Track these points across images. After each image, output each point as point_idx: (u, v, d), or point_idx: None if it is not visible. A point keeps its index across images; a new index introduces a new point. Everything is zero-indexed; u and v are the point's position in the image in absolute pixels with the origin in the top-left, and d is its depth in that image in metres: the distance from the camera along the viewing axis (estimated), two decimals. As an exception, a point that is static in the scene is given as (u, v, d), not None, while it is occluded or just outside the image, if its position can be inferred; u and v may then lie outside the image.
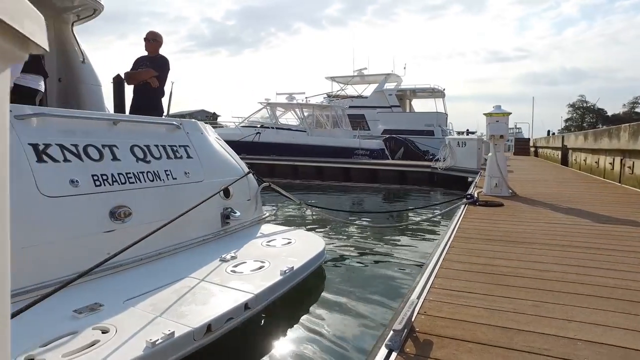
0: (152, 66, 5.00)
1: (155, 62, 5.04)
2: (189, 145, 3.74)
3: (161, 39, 5.14)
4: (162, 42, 5.17)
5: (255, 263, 3.06)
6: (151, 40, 5.05)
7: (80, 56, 5.64)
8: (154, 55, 5.12)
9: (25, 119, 2.59)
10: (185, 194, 3.41)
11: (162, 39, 5.15)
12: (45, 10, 5.51)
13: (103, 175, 2.82)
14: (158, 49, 5.15)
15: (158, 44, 5.13)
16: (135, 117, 3.50)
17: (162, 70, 5.04)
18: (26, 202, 2.36)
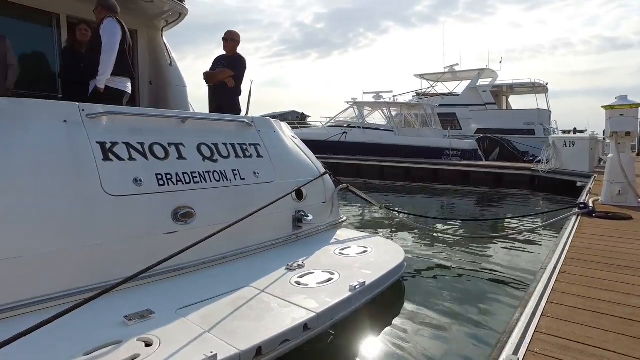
0: (229, 66, 5.00)
1: (232, 62, 5.04)
2: (259, 144, 3.55)
3: (238, 38, 5.10)
4: (239, 41, 5.14)
5: (323, 274, 2.75)
6: (229, 40, 5.05)
7: (168, 59, 5.86)
8: (231, 55, 5.11)
9: (96, 117, 2.57)
10: (254, 195, 3.22)
11: (239, 38, 5.11)
12: (139, 19, 5.81)
13: (167, 175, 2.72)
14: (236, 49, 5.14)
15: (235, 43, 5.12)
16: (204, 115, 3.41)
17: (238, 69, 5.02)
18: (90, 201, 2.31)
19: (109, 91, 3.88)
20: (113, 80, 3.93)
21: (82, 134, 2.44)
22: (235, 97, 4.99)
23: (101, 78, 3.80)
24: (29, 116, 2.34)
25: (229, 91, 4.92)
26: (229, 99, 4.93)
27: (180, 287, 2.45)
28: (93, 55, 3.93)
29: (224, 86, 4.90)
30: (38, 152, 2.24)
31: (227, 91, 4.92)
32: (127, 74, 4.10)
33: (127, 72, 4.10)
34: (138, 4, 5.30)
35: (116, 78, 3.95)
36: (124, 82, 4.06)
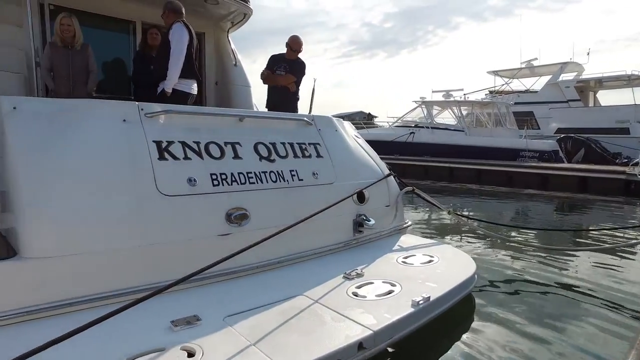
0: (291, 70, 5.01)
1: (294, 67, 5.03)
2: (319, 143, 3.39)
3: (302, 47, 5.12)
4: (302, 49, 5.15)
5: (383, 285, 2.52)
6: (294, 49, 5.06)
7: (233, 60, 5.93)
8: (293, 59, 5.10)
9: (154, 116, 2.56)
10: (312, 197, 3.07)
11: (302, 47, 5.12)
12: (206, 21, 5.93)
13: (222, 175, 2.64)
14: (298, 54, 5.15)
15: (299, 51, 5.13)
16: (262, 113, 3.32)
17: (300, 75, 5.06)
18: (144, 200, 2.29)
19: (175, 93, 3.98)
20: (179, 83, 4.02)
21: (140, 133, 2.43)
22: (296, 102, 5.01)
23: (168, 82, 3.91)
24: (92, 116, 2.37)
25: (291, 96, 4.94)
26: (290, 104, 4.94)
27: (230, 292, 2.36)
28: (162, 59, 4.04)
29: (286, 91, 4.91)
30: (97, 151, 2.26)
31: (288, 95, 4.94)
32: (193, 76, 4.19)
33: (193, 75, 4.19)
34: (205, 7, 5.41)
35: (182, 80, 4.04)
36: (189, 84, 4.15)
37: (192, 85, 4.24)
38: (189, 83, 4.17)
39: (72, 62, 4.22)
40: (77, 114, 2.34)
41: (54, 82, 4.25)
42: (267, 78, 5.05)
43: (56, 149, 2.16)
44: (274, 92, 5.07)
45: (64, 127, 2.25)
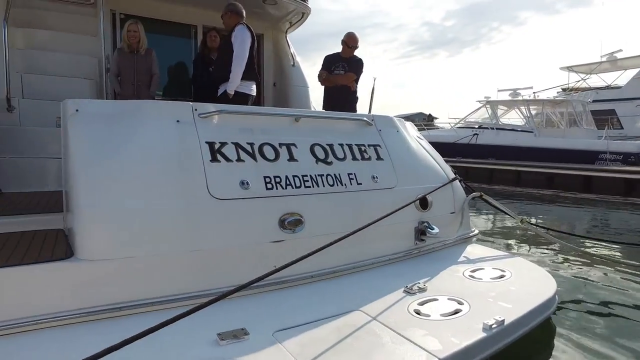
0: (350, 68, 4.83)
1: (352, 64, 4.86)
2: (380, 145, 3.18)
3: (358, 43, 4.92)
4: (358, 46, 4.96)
5: (449, 303, 2.26)
6: (350, 46, 4.88)
7: (291, 60, 5.88)
8: (349, 57, 4.92)
9: (207, 117, 2.49)
10: (372, 203, 2.87)
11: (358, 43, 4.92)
12: (265, 22, 5.93)
13: (276, 178, 2.52)
14: (354, 52, 4.97)
15: (355, 47, 4.95)
16: (319, 113, 3.17)
17: (359, 72, 4.90)
18: (195, 203, 2.22)
19: (236, 95, 3.98)
20: (240, 85, 4.02)
21: (193, 134, 2.37)
22: (355, 102, 4.84)
23: (232, 84, 3.91)
24: (146, 116, 2.34)
25: (351, 95, 4.78)
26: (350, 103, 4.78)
27: (281, 303, 2.22)
28: (223, 61, 4.05)
29: (347, 90, 4.75)
30: (150, 152, 2.22)
31: (348, 95, 4.78)
32: (253, 77, 4.19)
33: (253, 76, 4.19)
34: (264, 8, 5.40)
35: (243, 82, 4.04)
36: (249, 85, 4.15)
37: (252, 87, 4.23)
38: (249, 84, 4.17)
39: (136, 66, 4.37)
40: (132, 115, 2.33)
41: (120, 86, 4.42)
42: (327, 79, 4.91)
43: (112, 150, 2.15)
44: (332, 93, 4.92)
45: (120, 128, 2.24)
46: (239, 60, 3.93)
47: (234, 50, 3.94)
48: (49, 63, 4.70)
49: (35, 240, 2.32)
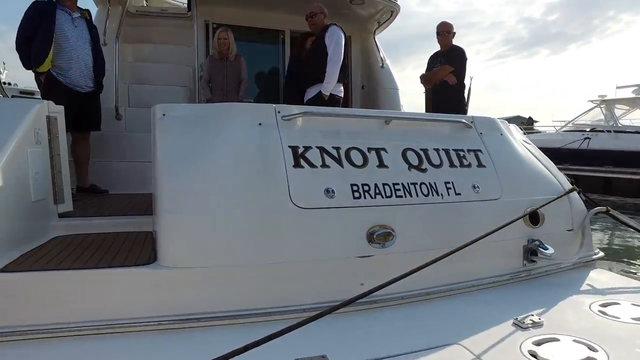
0: (447, 61, 4.41)
1: (450, 56, 4.42)
2: (481, 150, 2.78)
3: (452, 29, 4.47)
4: (454, 31, 4.50)
5: (576, 347, 1.82)
6: (443, 33, 4.45)
7: (380, 62, 5.64)
8: (447, 49, 4.50)
9: (291, 119, 2.34)
10: (472, 216, 2.50)
11: (453, 28, 4.47)
12: (353, 24, 5.77)
13: (364, 186, 2.28)
14: (451, 41, 4.53)
15: (451, 35, 4.50)
16: (412, 114, 2.87)
17: (458, 62, 4.38)
18: (277, 212, 2.07)
19: (330, 97, 3.88)
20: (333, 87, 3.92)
21: (275, 137, 2.23)
22: (459, 95, 4.40)
23: (327, 86, 3.81)
24: (229, 119, 2.26)
25: (451, 90, 4.35)
26: (452, 99, 4.37)
27: (365, 328, 1.97)
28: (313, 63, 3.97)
29: (445, 85, 4.35)
30: (232, 156, 2.13)
31: (449, 90, 4.37)
32: (342, 79, 4.06)
33: (342, 78, 4.06)
34: (351, 9, 5.24)
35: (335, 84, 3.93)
36: (339, 87, 4.03)
37: (341, 88, 4.10)
38: (338, 87, 4.04)
39: (226, 72, 4.47)
40: (215, 118, 2.26)
41: (211, 92, 4.56)
42: (425, 79, 4.57)
43: (194, 154, 2.10)
44: (434, 93, 4.56)
45: (203, 132, 2.18)
46: (335, 60, 3.82)
47: (329, 51, 3.83)
48: (151, 74, 5.03)
49: (127, 241, 2.36)
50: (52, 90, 3.54)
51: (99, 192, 3.80)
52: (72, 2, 3.72)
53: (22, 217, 2.26)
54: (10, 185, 2.13)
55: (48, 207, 2.55)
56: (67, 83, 3.62)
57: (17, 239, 2.19)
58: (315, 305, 1.99)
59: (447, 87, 4.42)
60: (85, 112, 3.75)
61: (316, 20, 4.11)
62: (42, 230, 2.46)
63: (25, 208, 2.29)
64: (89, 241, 2.35)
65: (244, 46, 5.43)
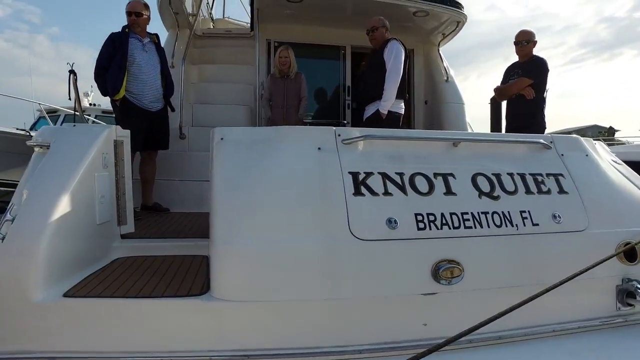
0: (525, 73, 4.07)
1: (529, 67, 4.08)
2: (563, 174, 2.48)
3: (532, 37, 4.12)
4: (534, 40, 4.14)
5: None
6: (522, 42, 4.13)
7: (445, 75, 5.38)
8: (526, 60, 4.17)
9: (351, 142, 2.22)
10: (553, 250, 2.22)
11: (533, 37, 4.12)
12: (415, 37, 5.57)
13: (430, 215, 2.09)
14: (531, 51, 4.17)
15: (531, 44, 4.15)
16: (483, 135, 2.63)
17: (537, 75, 4.04)
18: (335, 243, 1.94)
19: (389, 115, 3.72)
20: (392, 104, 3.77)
21: (335, 163, 2.12)
22: (538, 111, 4.05)
23: (385, 104, 3.67)
24: (287, 144, 2.19)
25: (530, 105, 4.03)
26: (530, 114, 4.05)
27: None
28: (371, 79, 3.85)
29: (522, 99, 4.03)
30: (289, 184, 2.05)
31: (526, 105, 4.04)
32: (402, 95, 3.89)
33: (402, 94, 3.89)
34: (414, 21, 5.05)
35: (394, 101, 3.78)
36: (399, 103, 3.87)
37: (401, 104, 3.92)
38: (398, 103, 3.87)
39: (286, 90, 4.46)
40: (273, 143, 2.20)
41: (271, 110, 4.57)
42: (500, 92, 4.27)
43: (251, 181, 2.04)
44: (509, 108, 4.25)
45: (260, 157, 2.12)
46: (393, 77, 3.67)
47: (388, 67, 3.69)
48: (214, 93, 5.17)
49: (182, 267, 2.35)
50: (127, 113, 3.75)
51: (161, 211, 3.92)
52: (143, 29, 3.94)
53: (87, 240, 2.33)
54: (78, 209, 2.20)
55: (111, 229, 2.63)
56: (140, 105, 3.82)
57: (81, 260, 2.26)
58: (373, 345, 1.85)
59: (523, 102, 4.08)
60: (154, 132, 3.92)
61: (377, 35, 3.98)
62: (105, 252, 2.53)
63: (91, 230, 2.37)
64: (146, 265, 2.38)
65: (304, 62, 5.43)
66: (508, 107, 4.31)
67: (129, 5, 3.90)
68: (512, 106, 4.23)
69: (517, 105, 4.15)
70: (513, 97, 4.17)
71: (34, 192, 2.13)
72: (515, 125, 4.16)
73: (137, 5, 3.90)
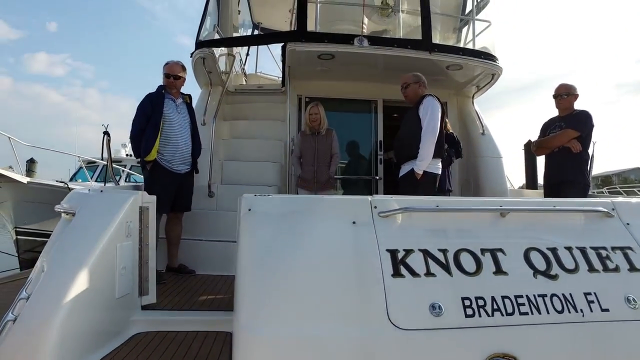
0: (570, 125, 3.85)
1: (574, 120, 3.85)
2: (631, 247, 2.18)
3: (573, 90, 3.93)
4: (576, 94, 3.94)
5: None
6: (563, 95, 3.93)
7: (480, 128, 5.18)
8: (568, 113, 3.95)
9: (389, 215, 2.03)
10: (629, 340, 1.90)
11: (574, 90, 3.93)
12: (448, 89, 5.46)
13: (479, 299, 1.84)
14: (572, 104, 3.97)
15: (573, 97, 3.95)
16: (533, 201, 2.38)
17: (584, 128, 3.80)
18: (371, 333, 1.71)
19: (425, 175, 3.50)
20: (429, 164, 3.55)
21: (371, 239, 1.93)
22: (584, 166, 3.78)
23: (421, 163, 3.46)
24: (321, 217, 2.02)
25: (575, 158, 3.77)
26: (577, 169, 3.78)
27: None
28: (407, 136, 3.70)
29: (566, 152, 3.78)
30: (322, 263, 1.86)
31: (572, 159, 3.79)
32: (440, 154, 3.67)
33: (440, 153, 3.67)
34: (447, 74, 4.95)
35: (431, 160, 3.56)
36: (436, 163, 3.63)
37: (439, 164, 3.69)
38: (436, 162, 3.63)
39: (317, 147, 4.36)
40: (305, 216, 2.04)
41: (302, 167, 4.46)
42: (539, 145, 4.04)
43: (278, 261, 1.86)
44: (550, 162, 4.00)
45: (289, 233, 1.96)
46: (429, 135, 3.46)
47: (424, 125, 3.51)
48: (245, 149, 5.15)
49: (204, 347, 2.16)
50: (157, 175, 3.71)
51: (187, 273, 3.78)
52: (177, 91, 3.97)
53: (105, 315, 2.19)
54: (96, 284, 2.08)
55: (132, 300, 2.49)
56: (169, 167, 3.78)
57: (98, 337, 2.11)
58: None
59: (567, 156, 3.82)
60: (181, 193, 3.86)
61: (409, 92, 3.86)
62: (124, 326, 2.38)
63: (109, 304, 2.24)
64: (166, 344, 2.21)
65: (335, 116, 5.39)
66: (548, 161, 4.05)
67: (167, 67, 3.92)
68: (554, 159, 3.96)
69: (560, 159, 3.89)
70: (555, 151, 3.92)
71: (52, 267, 2.03)
72: (558, 180, 3.88)
73: (176, 68, 3.93)
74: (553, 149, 3.92)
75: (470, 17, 5.13)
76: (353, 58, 4.66)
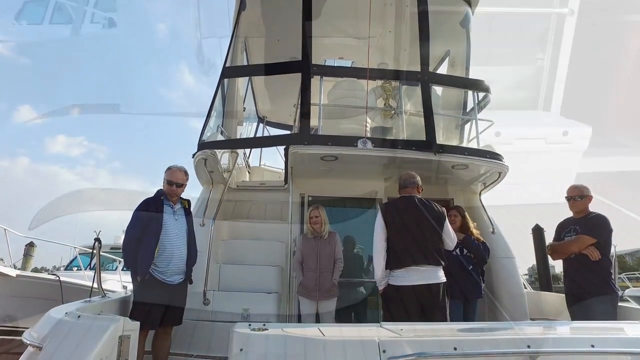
0: (585, 231, 3.64)
1: (588, 225, 3.65)
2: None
3: (587, 192, 3.79)
4: (590, 195, 3.80)
5: None
6: (577, 198, 3.78)
7: (490, 226, 4.97)
8: (582, 216, 3.77)
9: (400, 359, 1.75)
10: None
11: (587, 191, 3.80)
12: (454, 186, 5.37)
13: None
14: (587, 207, 3.81)
15: (587, 199, 3.80)
16: (566, 341, 2.08)
17: (601, 234, 3.59)
18: None
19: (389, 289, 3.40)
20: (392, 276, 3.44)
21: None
22: (609, 277, 3.51)
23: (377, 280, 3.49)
24: None
25: (598, 270, 3.52)
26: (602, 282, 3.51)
27: None
28: None
29: (586, 261, 3.54)
30: None
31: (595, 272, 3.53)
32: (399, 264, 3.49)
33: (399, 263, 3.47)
34: (452, 172, 4.88)
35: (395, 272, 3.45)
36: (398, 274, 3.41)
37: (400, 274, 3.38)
38: (397, 274, 3.38)
39: (319, 252, 4.14)
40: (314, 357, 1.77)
41: (303, 273, 4.20)
42: (554, 250, 3.82)
43: None
44: (569, 269, 3.74)
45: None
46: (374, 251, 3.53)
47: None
48: (244, 251, 4.90)
49: None
50: (149, 289, 3.42)
51: None
52: (177, 198, 3.76)
53: None
54: None
55: None
56: (162, 279, 3.50)
57: None
58: None
59: (585, 262, 3.56)
60: (172, 306, 3.55)
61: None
62: None
63: None
64: None
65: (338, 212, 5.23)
66: (567, 267, 3.80)
67: (169, 174, 3.71)
68: (572, 265, 3.70)
69: (578, 265, 3.63)
70: (572, 258, 3.68)
71: None
72: (580, 291, 3.59)
73: (178, 175, 3.72)
74: (569, 255, 3.69)
75: (472, 117, 5.18)
76: (356, 158, 4.61)
